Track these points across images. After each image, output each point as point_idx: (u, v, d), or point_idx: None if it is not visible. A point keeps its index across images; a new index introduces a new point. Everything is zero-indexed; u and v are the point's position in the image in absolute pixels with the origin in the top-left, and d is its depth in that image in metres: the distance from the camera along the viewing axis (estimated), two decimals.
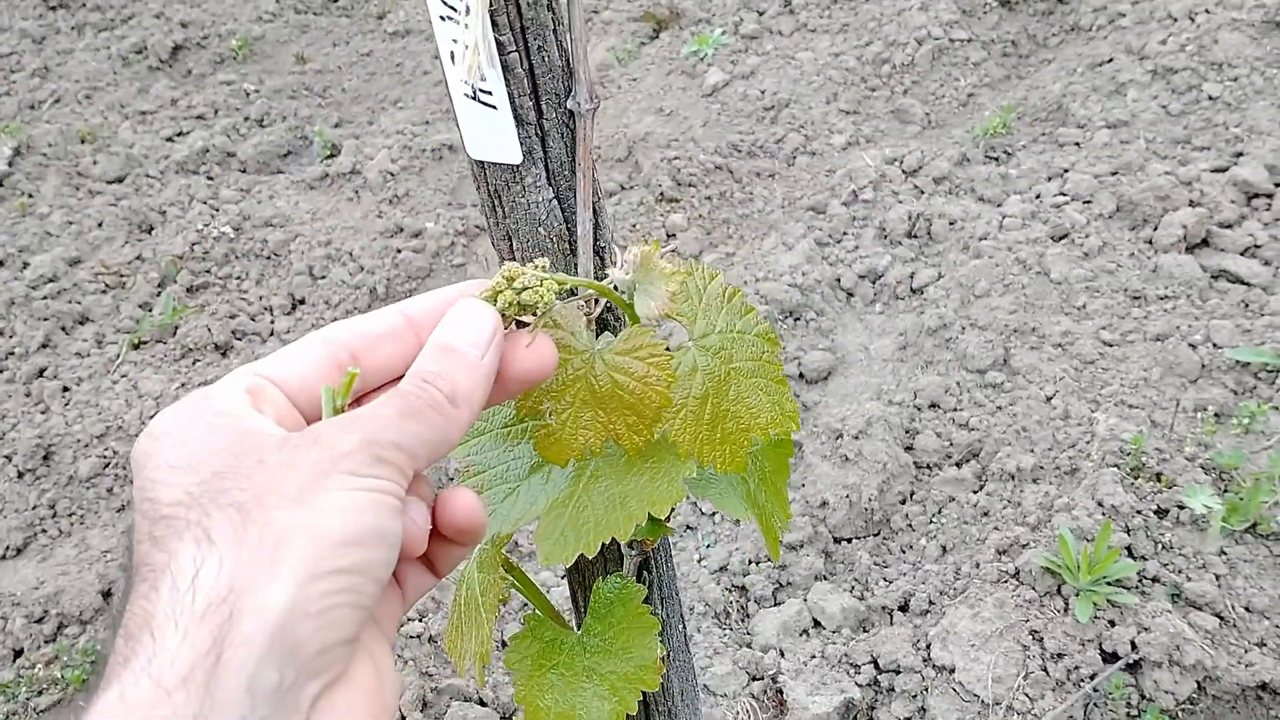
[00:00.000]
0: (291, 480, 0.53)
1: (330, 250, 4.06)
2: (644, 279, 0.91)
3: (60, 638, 2.89)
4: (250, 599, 0.49)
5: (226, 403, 0.60)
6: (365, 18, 6.02)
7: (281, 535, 0.51)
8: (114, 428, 3.39)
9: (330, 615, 0.51)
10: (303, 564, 0.50)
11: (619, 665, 1.16)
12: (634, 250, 0.89)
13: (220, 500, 0.53)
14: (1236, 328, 2.92)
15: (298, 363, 0.64)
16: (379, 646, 0.60)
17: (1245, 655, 2.26)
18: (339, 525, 0.52)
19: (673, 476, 0.96)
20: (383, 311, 0.68)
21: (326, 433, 0.56)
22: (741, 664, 2.45)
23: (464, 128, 1.04)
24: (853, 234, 3.69)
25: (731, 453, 0.98)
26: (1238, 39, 3.85)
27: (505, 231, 1.10)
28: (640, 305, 0.89)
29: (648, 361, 0.88)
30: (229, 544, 0.51)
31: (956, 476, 2.77)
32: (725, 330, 0.99)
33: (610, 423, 0.90)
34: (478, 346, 0.65)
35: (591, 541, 0.95)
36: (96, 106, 5.29)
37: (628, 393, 0.89)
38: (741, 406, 0.98)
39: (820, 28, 4.84)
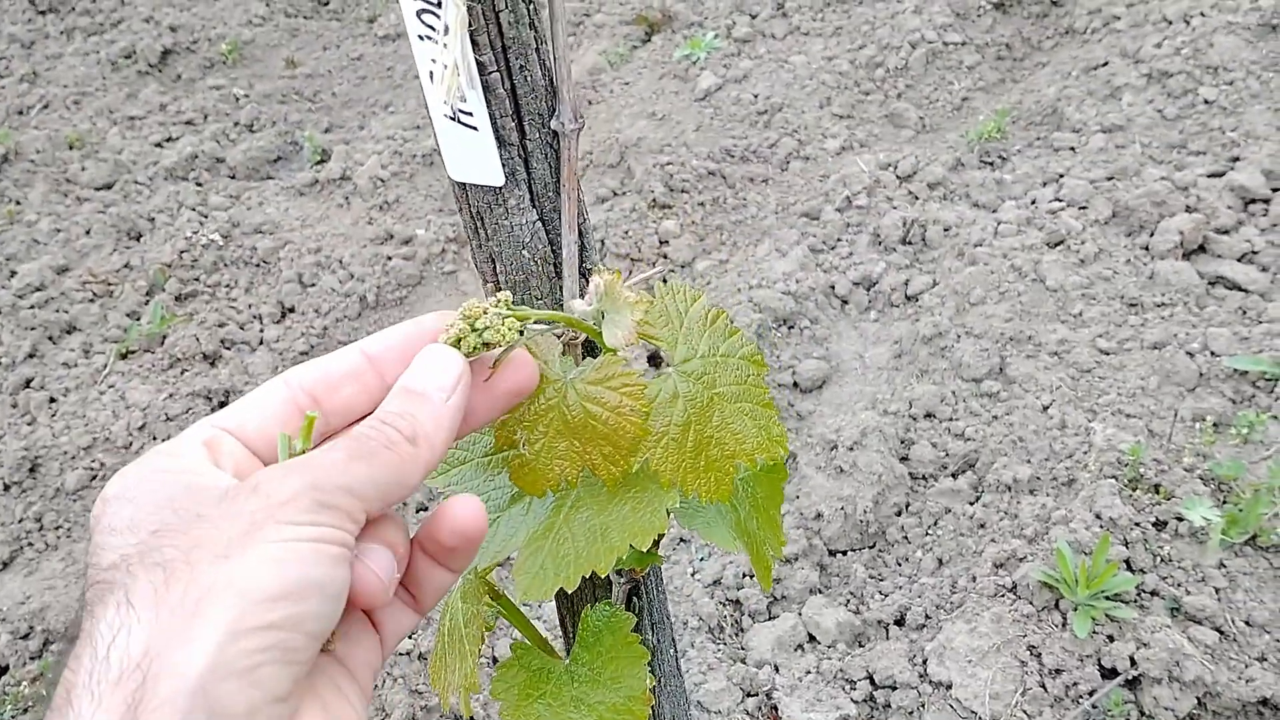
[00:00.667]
0: (224, 533, 0.51)
1: (320, 257, 4.03)
2: (610, 308, 0.89)
3: (46, 654, 2.85)
4: (166, 662, 0.47)
5: (180, 458, 0.58)
6: (355, 21, 5.99)
7: (205, 593, 0.49)
8: (101, 439, 3.35)
9: (257, 674, 0.49)
10: (224, 621, 0.48)
11: (607, 695, 1.14)
12: (596, 280, 0.88)
13: (148, 560, 0.51)
14: (1234, 335, 2.89)
15: (258, 410, 0.63)
16: (335, 698, 0.58)
17: (1246, 670, 2.23)
18: (266, 579, 0.50)
19: (655, 507, 0.94)
20: (343, 351, 0.67)
21: (266, 480, 0.54)
22: (736, 680, 2.42)
23: (444, 149, 1.01)
24: (847, 240, 3.66)
25: (716, 481, 0.96)
26: (1233, 42, 3.82)
27: (489, 254, 1.07)
28: (608, 335, 0.87)
29: (620, 391, 0.86)
30: (147, 606, 0.49)
31: (952, 488, 2.74)
32: (708, 354, 0.97)
33: (585, 453, 0.88)
34: (443, 389, 0.64)
35: (571, 575, 0.93)
36: (85, 112, 5.25)
37: (601, 423, 0.87)
38: (726, 433, 0.96)
39: (813, 31, 4.81)
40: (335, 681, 0.59)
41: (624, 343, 0.86)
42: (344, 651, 0.60)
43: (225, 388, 3.44)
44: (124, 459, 3.30)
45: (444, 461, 0.98)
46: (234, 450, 0.61)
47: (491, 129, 0.97)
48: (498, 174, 1.00)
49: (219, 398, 3.43)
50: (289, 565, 0.51)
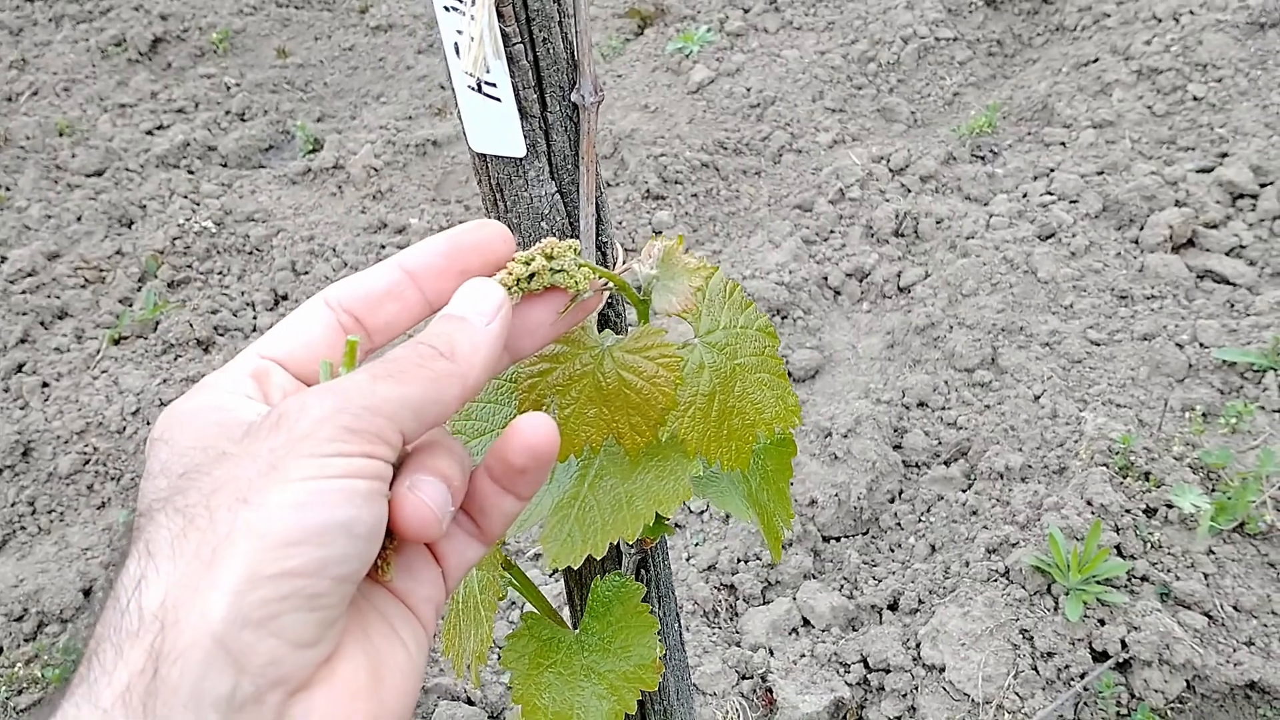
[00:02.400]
0: (245, 473, 0.50)
1: (313, 245, 4.03)
2: (665, 274, 0.90)
3: (40, 636, 2.85)
4: (185, 612, 0.46)
5: (227, 392, 0.57)
6: (347, 12, 5.98)
7: (222, 539, 0.48)
8: (94, 424, 3.35)
9: (278, 623, 0.48)
10: (241, 568, 0.47)
11: (618, 664, 1.15)
12: (656, 244, 0.88)
13: (171, 507, 0.50)
14: (1223, 327, 2.93)
15: (302, 335, 0.61)
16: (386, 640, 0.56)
17: (1234, 654, 2.26)
18: (285, 523, 0.48)
19: (679, 475, 0.95)
20: (381, 267, 0.64)
21: (289, 411, 0.52)
22: (731, 663, 2.44)
23: (467, 120, 1.02)
24: (840, 232, 3.69)
25: (738, 449, 0.97)
26: (1222, 40, 3.86)
27: (507, 225, 1.08)
28: (660, 301, 0.88)
29: (658, 361, 0.87)
30: (165, 555, 0.48)
31: (945, 475, 2.77)
32: (729, 326, 0.98)
33: (614, 420, 0.89)
34: (483, 314, 0.61)
35: (600, 542, 0.94)
36: (75, 99, 5.24)
37: (634, 391, 0.87)
38: (747, 402, 0.97)
39: (806, 25, 4.83)
40: (388, 619, 0.57)
41: (678, 309, 0.86)
42: (403, 586, 0.58)
43: None
44: (117, 443, 3.30)
45: (461, 434, 0.99)
46: (283, 381, 0.59)
47: (514, 100, 0.99)
48: (519, 145, 1.02)
49: None
50: (311, 507, 0.49)
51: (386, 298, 0.63)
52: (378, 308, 0.63)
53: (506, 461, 0.62)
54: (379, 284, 0.63)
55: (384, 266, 0.64)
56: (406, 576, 0.59)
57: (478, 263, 0.66)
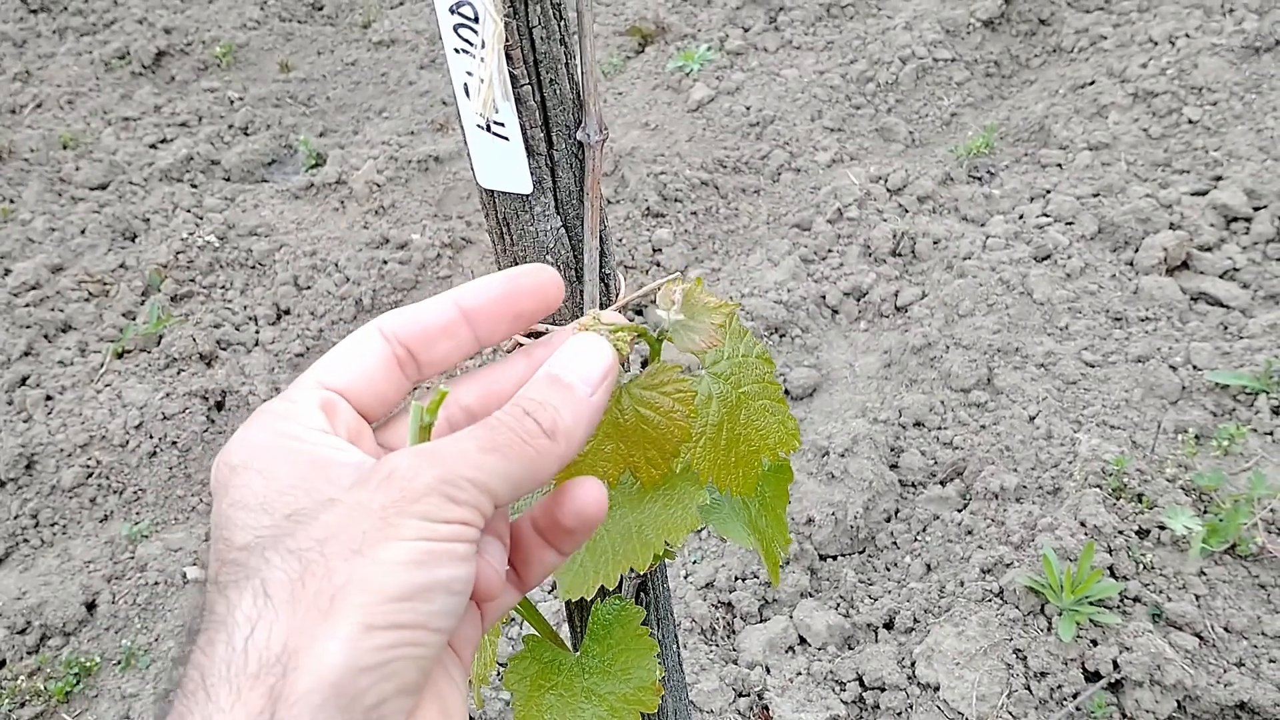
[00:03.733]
0: (358, 526, 0.52)
1: (316, 260, 4.06)
2: (688, 314, 0.92)
3: (43, 649, 2.88)
4: (305, 658, 0.48)
5: (302, 425, 0.58)
6: (350, 27, 6.02)
7: (339, 589, 0.50)
8: (97, 437, 3.38)
9: (389, 668, 0.50)
10: (359, 618, 0.49)
11: (618, 686, 1.17)
12: (677, 289, 0.90)
13: (283, 547, 0.52)
14: (1216, 350, 2.96)
15: (361, 367, 0.62)
16: (447, 683, 0.58)
17: (1224, 675, 2.29)
18: (399, 580, 0.50)
19: (687, 504, 0.98)
20: (437, 303, 0.65)
21: (401, 469, 0.54)
22: (728, 681, 2.46)
23: (475, 158, 1.05)
24: (838, 251, 3.72)
25: (745, 474, 1.00)
26: (1217, 64, 3.90)
27: (513, 258, 1.11)
28: (683, 341, 0.90)
29: (673, 396, 0.89)
30: (285, 600, 0.50)
31: (941, 495, 2.80)
32: (732, 356, 1.01)
33: (630, 455, 0.91)
34: (589, 382, 0.63)
35: (611, 573, 0.96)
36: (79, 112, 5.27)
37: (651, 426, 0.90)
38: (752, 429, 1.00)
39: (805, 45, 4.87)
40: (444, 664, 0.59)
41: (703, 347, 0.88)
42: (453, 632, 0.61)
43: (222, 388, 3.47)
44: (120, 457, 3.33)
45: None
46: (346, 414, 0.61)
47: (522, 139, 1.01)
48: (526, 182, 1.04)
49: (215, 398, 3.46)
50: (421, 568, 0.51)
51: (442, 335, 0.64)
52: (433, 344, 0.64)
53: (555, 520, 0.64)
54: (435, 320, 0.64)
55: (440, 302, 0.65)
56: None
57: (532, 306, 0.67)
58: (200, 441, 3.36)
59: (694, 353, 0.92)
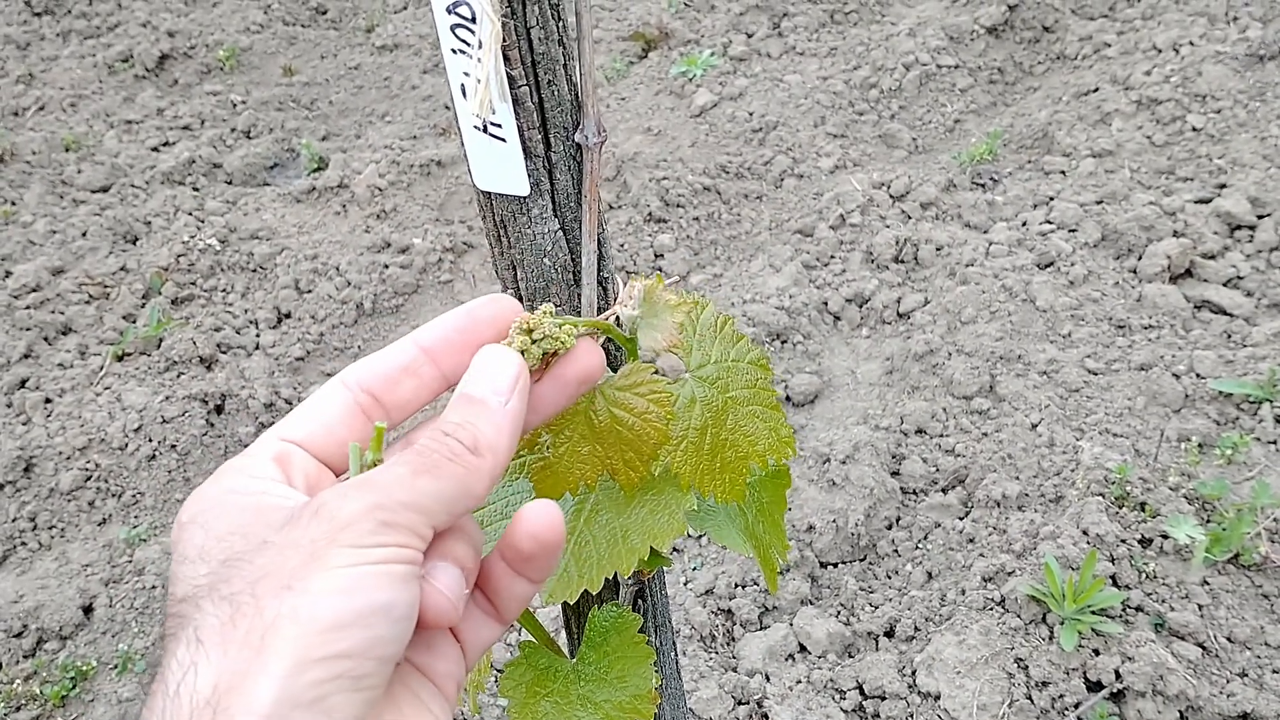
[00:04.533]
0: (288, 562, 0.51)
1: (317, 264, 4.05)
2: (648, 312, 0.91)
3: (39, 653, 2.86)
4: (236, 698, 0.47)
5: (252, 477, 0.58)
6: (353, 31, 6.02)
7: (270, 625, 0.49)
8: (96, 440, 3.37)
9: (326, 704, 0.49)
10: (290, 652, 0.48)
11: (614, 694, 1.16)
12: (637, 285, 0.89)
13: (216, 594, 0.51)
14: (1219, 358, 2.95)
15: (321, 418, 0.63)
16: (415, 712, 0.58)
17: (1227, 685, 2.27)
18: (331, 608, 0.50)
19: (673, 509, 0.96)
20: (397, 346, 0.66)
21: (329, 502, 0.54)
22: (727, 688, 2.45)
23: (472, 159, 1.04)
24: (840, 257, 3.71)
25: (731, 482, 0.99)
26: (1221, 71, 3.89)
27: (510, 261, 1.10)
28: (645, 339, 0.89)
29: (647, 398, 0.88)
30: (215, 643, 0.49)
31: (943, 503, 2.78)
32: (720, 360, 1.00)
33: (608, 458, 0.90)
34: (500, 393, 0.63)
35: (595, 577, 0.95)
36: (81, 115, 5.27)
37: (626, 428, 0.89)
38: (740, 435, 0.99)
39: (809, 51, 4.86)
40: (415, 692, 0.59)
41: (663, 346, 0.88)
42: (426, 663, 0.60)
43: (221, 391, 3.46)
44: (119, 460, 3.32)
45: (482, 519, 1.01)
46: (305, 464, 0.61)
47: (519, 141, 1.00)
48: (523, 184, 1.03)
49: (215, 401, 3.45)
50: (354, 592, 0.51)
51: (404, 375, 0.65)
52: (395, 386, 0.64)
53: (515, 548, 0.64)
54: (395, 362, 0.65)
55: (400, 345, 0.66)
56: (427, 654, 0.61)
57: (492, 336, 0.68)
58: (199, 445, 3.35)
59: (658, 352, 0.91)
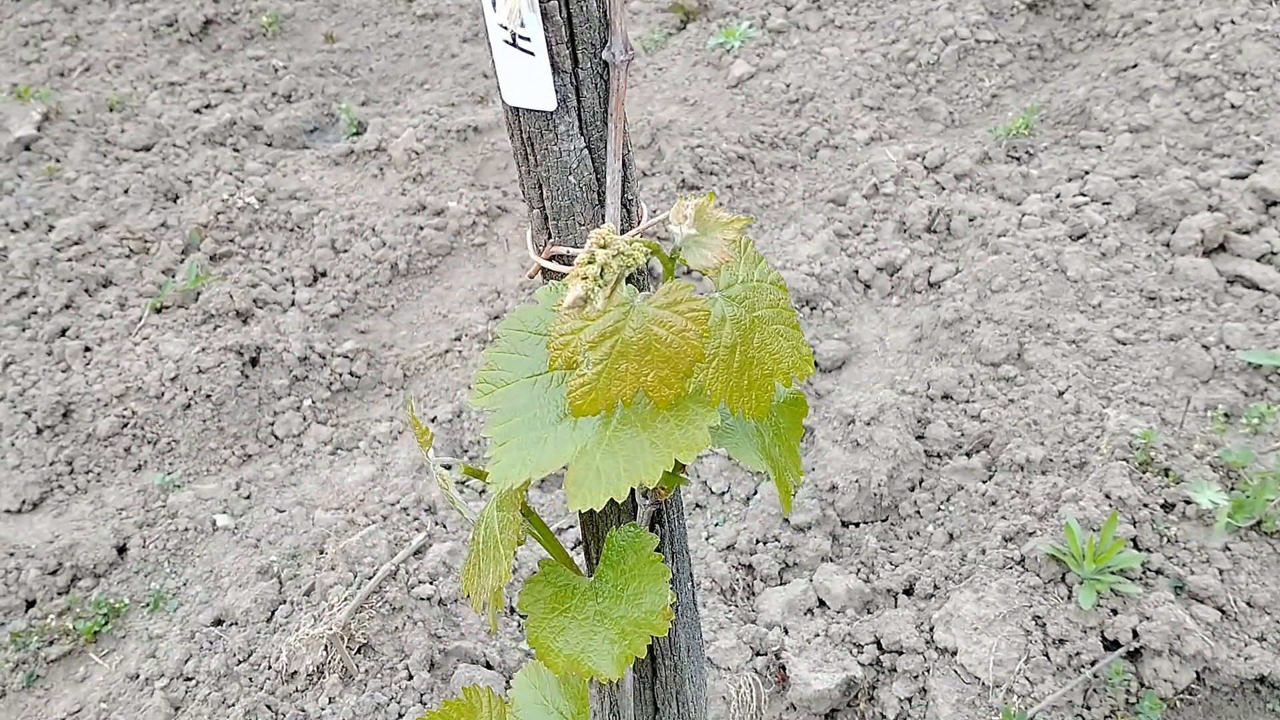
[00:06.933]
0: None
1: (353, 225, 4.10)
2: (700, 231, 0.93)
3: (74, 589, 2.93)
4: None
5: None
6: (394, 0, 6.06)
7: None
8: (134, 388, 3.43)
9: None
10: None
11: (629, 610, 1.18)
12: (689, 204, 0.91)
13: None
14: (1250, 331, 2.94)
15: None
16: None
17: (1245, 648, 2.28)
18: None
19: (698, 424, 0.98)
20: None
21: None
22: (746, 639, 2.47)
23: (501, 74, 1.06)
24: (872, 227, 3.71)
25: (758, 398, 1.01)
26: (1261, 49, 3.86)
27: (536, 179, 1.13)
28: (695, 257, 0.91)
29: (686, 315, 0.90)
30: None
31: (966, 466, 2.79)
32: (746, 280, 1.02)
33: (642, 374, 0.92)
34: None
35: (621, 486, 0.97)
36: (126, 76, 5.34)
37: (664, 345, 0.91)
38: (765, 353, 1.01)
39: (847, 24, 4.86)
40: None
41: (716, 263, 0.89)
42: None
43: (257, 344, 3.51)
44: (155, 408, 3.37)
45: (488, 383, 1.04)
46: None
47: (547, 55, 1.03)
48: (550, 99, 1.06)
49: (250, 353, 3.50)
50: None
51: None
52: None
53: None
54: None
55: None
56: None
57: None
58: (234, 396, 3.41)
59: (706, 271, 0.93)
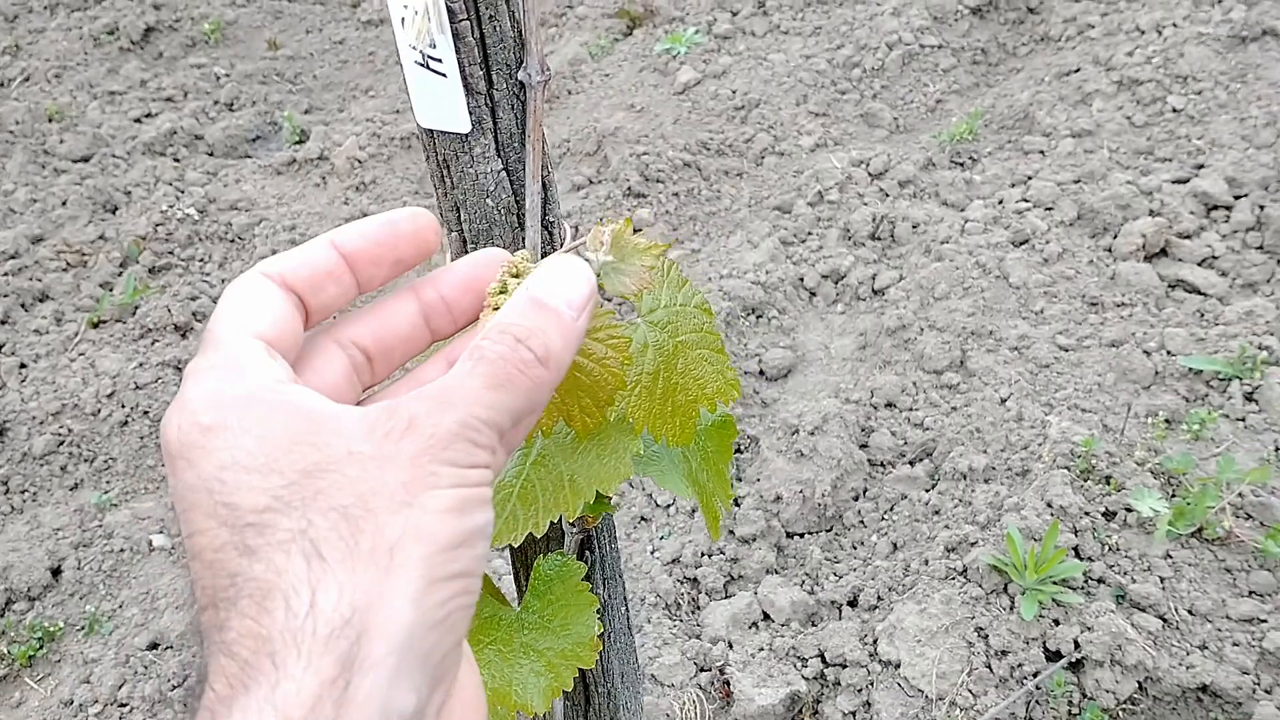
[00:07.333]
0: (393, 477, 0.49)
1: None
2: (617, 257, 0.90)
3: (8, 614, 2.86)
4: (374, 616, 0.46)
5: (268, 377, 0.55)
6: (339, 6, 6.00)
7: (395, 544, 0.48)
8: (70, 405, 3.36)
9: (450, 621, 0.49)
10: (420, 573, 0.47)
11: (556, 642, 1.16)
12: (606, 229, 0.89)
13: (320, 505, 0.49)
14: (1191, 336, 2.95)
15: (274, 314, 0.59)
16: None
17: (1187, 657, 2.28)
18: (449, 529, 0.49)
19: (620, 454, 0.96)
20: (315, 246, 0.62)
21: (420, 415, 0.52)
22: (690, 655, 2.45)
23: (414, 95, 1.04)
24: (817, 234, 3.71)
25: (682, 425, 0.99)
26: (1202, 53, 3.89)
27: (453, 202, 1.10)
28: (614, 284, 0.88)
29: (606, 343, 0.88)
30: (342, 559, 0.47)
31: (909, 475, 2.79)
32: (669, 304, 1.00)
33: (564, 404, 0.90)
34: (574, 306, 0.60)
35: (540, 520, 0.95)
36: (66, 85, 5.25)
37: (585, 374, 0.88)
38: (689, 378, 0.99)
39: (793, 30, 4.86)
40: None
41: (634, 290, 0.86)
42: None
43: None
44: (92, 425, 3.31)
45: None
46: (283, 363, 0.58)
47: (460, 76, 1.00)
48: (464, 121, 1.03)
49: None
50: (465, 514, 0.50)
51: (327, 279, 0.62)
52: (320, 289, 0.62)
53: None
54: (321, 264, 0.62)
55: (320, 247, 0.63)
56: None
57: (412, 253, 0.65)
58: None
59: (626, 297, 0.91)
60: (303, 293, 0.61)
